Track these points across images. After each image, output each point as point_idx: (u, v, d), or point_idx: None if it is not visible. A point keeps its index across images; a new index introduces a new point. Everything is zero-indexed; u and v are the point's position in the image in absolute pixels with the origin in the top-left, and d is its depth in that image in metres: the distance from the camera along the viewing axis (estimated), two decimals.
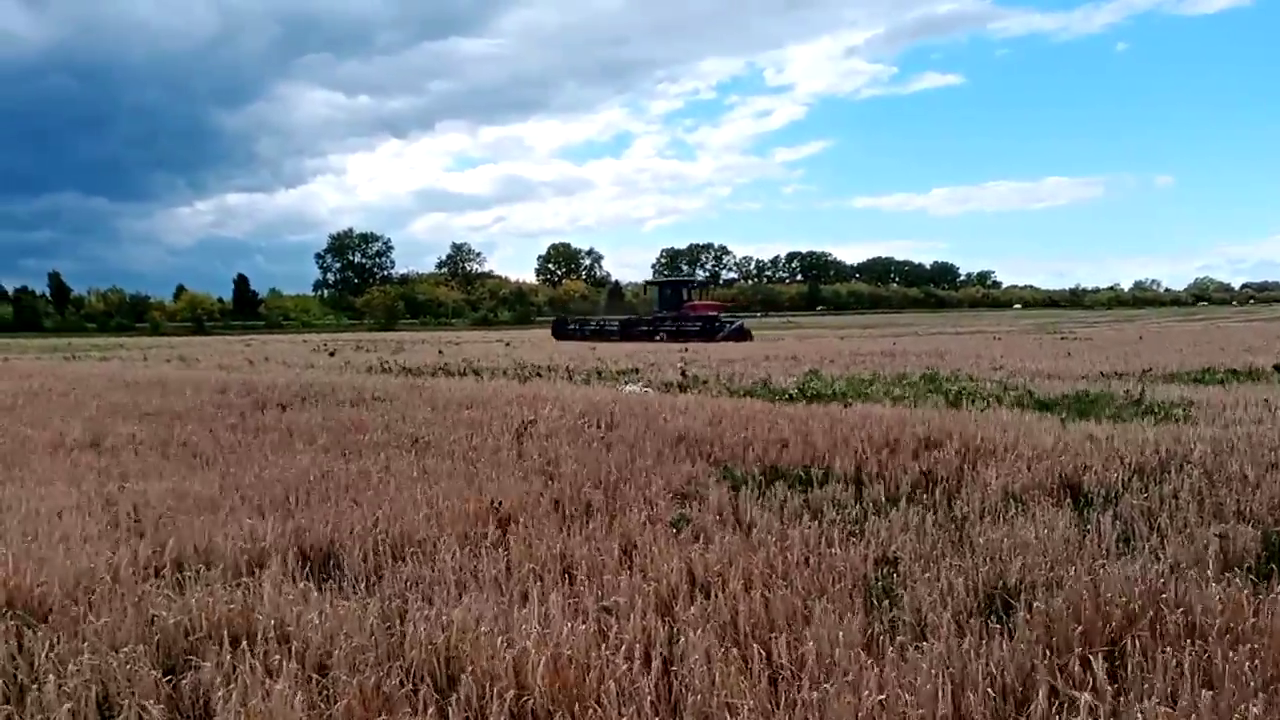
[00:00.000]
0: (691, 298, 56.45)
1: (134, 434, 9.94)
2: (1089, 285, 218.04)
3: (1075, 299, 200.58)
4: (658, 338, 48.93)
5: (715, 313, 53.71)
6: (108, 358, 31.94)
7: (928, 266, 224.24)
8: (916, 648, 3.92)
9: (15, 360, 29.57)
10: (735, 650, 3.93)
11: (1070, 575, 4.71)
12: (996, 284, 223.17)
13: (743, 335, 48.87)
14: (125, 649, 3.96)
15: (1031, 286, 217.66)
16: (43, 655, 3.95)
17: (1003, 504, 6.47)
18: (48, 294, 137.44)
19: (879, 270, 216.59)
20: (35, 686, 3.68)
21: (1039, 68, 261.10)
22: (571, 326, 57.79)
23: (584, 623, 4.12)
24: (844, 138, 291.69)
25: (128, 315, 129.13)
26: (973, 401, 12.65)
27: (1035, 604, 4.35)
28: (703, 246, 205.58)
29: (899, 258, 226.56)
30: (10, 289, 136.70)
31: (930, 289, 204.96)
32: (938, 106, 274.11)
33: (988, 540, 5.47)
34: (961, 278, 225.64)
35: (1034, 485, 7.01)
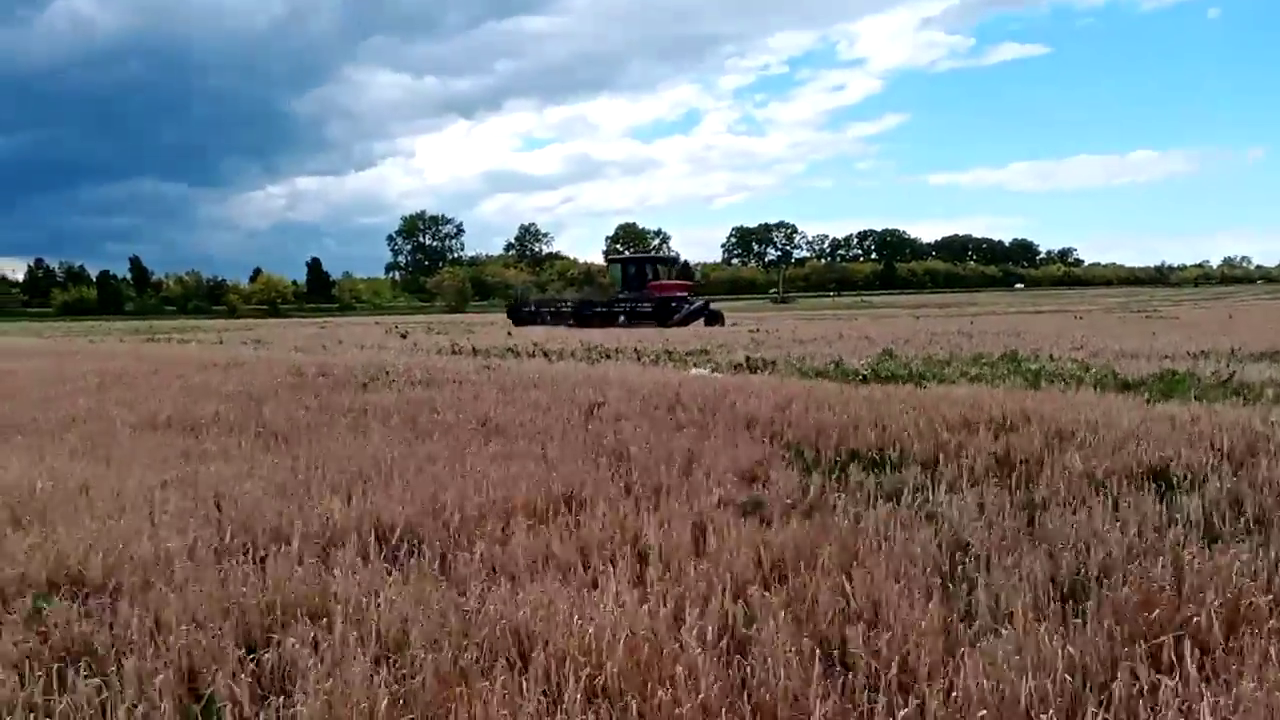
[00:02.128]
0: (659, 276, 51.14)
1: (213, 415, 10.15)
2: (1175, 262, 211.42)
3: (1161, 276, 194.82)
4: (620, 322, 44.84)
5: (683, 293, 49.47)
6: (186, 340, 32.80)
7: (1006, 244, 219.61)
8: (993, 634, 3.85)
9: (100, 342, 30.48)
10: (807, 636, 3.88)
11: (1154, 563, 4.57)
12: (1078, 262, 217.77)
13: (713, 319, 46.17)
14: (208, 626, 4.05)
15: (1115, 264, 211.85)
16: (130, 631, 4.06)
17: (1083, 488, 6.30)
18: (128, 277, 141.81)
19: (955, 248, 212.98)
20: (124, 661, 3.75)
21: (1125, 36, 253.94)
22: (528, 309, 52.89)
23: (657, 606, 4.09)
24: (920, 112, 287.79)
25: (205, 298, 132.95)
26: (1053, 382, 12.36)
27: (1116, 592, 4.23)
28: (773, 225, 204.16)
29: (976, 235, 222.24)
30: (93, 273, 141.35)
31: (1009, 267, 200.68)
32: (1017, 78, 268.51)
33: (1067, 525, 5.34)
34: (1042, 255, 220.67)
35: (1116, 469, 6.79)
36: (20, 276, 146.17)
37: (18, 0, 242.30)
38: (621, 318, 45.60)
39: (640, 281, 49.61)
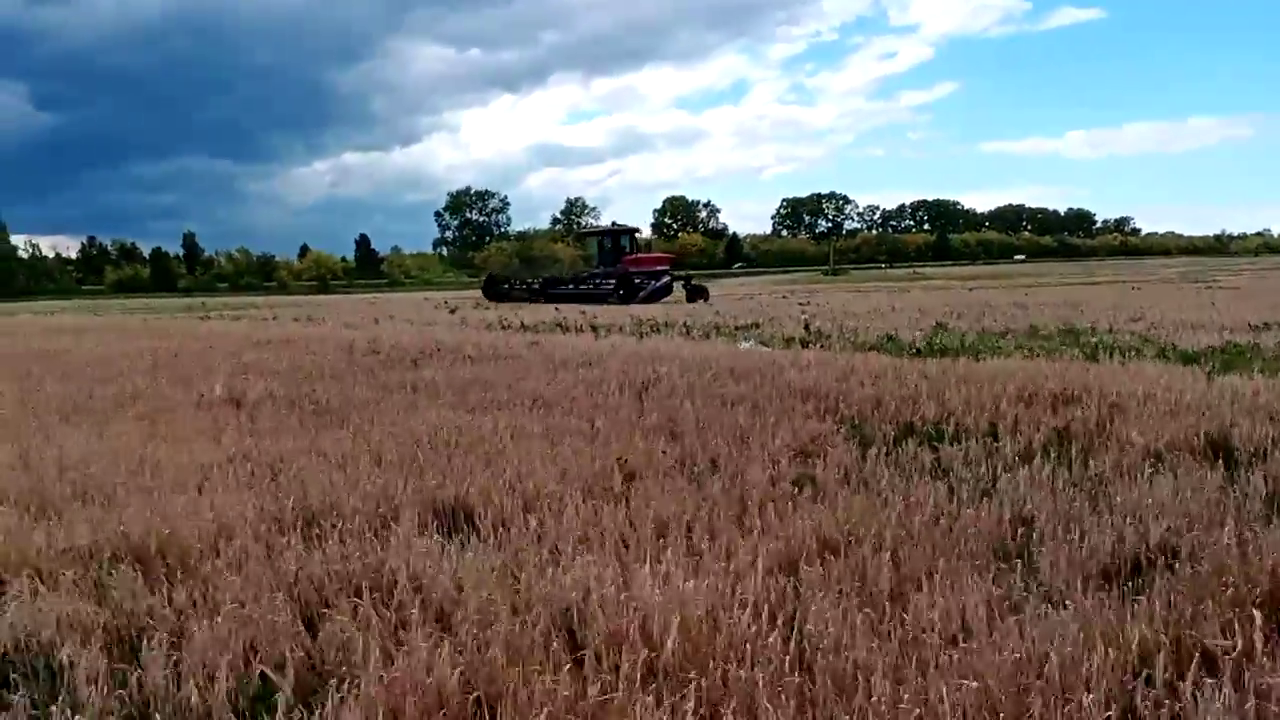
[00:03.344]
0: (636, 249, 49.11)
1: (267, 391, 10.27)
2: (1235, 231, 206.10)
3: (1221, 245, 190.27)
4: (573, 299, 41.78)
5: (664, 267, 47.36)
6: (239, 317, 33.24)
7: (1061, 214, 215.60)
8: (1052, 609, 3.79)
9: (154, 320, 31.01)
10: (868, 610, 3.85)
11: (1216, 535, 4.47)
12: (1135, 231, 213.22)
13: (695, 294, 44.16)
14: (266, 599, 4.09)
15: (1174, 233, 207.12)
16: (192, 604, 4.13)
17: (1142, 462, 6.19)
18: (179, 254, 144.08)
19: (1010, 218, 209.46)
20: (186, 634, 3.82)
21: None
22: (505, 286, 50.92)
23: (711, 580, 4.07)
24: (973, 79, 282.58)
25: (256, 274, 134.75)
26: (1111, 354, 12.12)
27: (1177, 566, 4.17)
28: (824, 196, 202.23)
29: (1031, 205, 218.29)
30: (144, 250, 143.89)
31: (1064, 237, 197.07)
32: (1074, 44, 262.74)
33: (1126, 500, 5.25)
34: (1098, 225, 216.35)
35: (1176, 442, 6.67)
36: (74, 254, 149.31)
37: None
38: (576, 295, 43.11)
39: (615, 256, 47.49)
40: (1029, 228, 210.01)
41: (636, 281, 43.42)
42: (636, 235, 52.26)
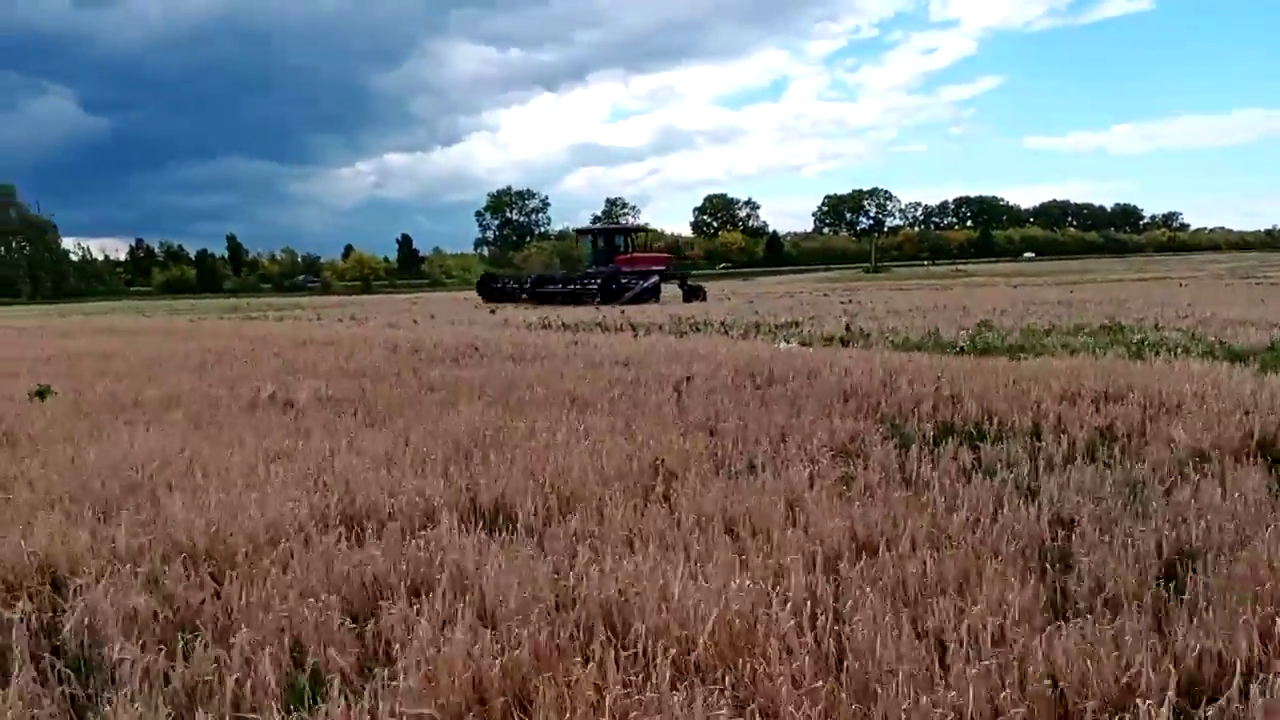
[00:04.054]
0: (630, 248, 48.17)
1: (312, 391, 10.40)
2: None
3: (1272, 240, 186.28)
4: (558, 300, 41.25)
5: (662, 266, 46.47)
6: (283, 317, 33.65)
7: (1108, 209, 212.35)
8: (1095, 614, 3.74)
9: (200, 321, 31.47)
10: (904, 611, 3.84)
11: (1264, 537, 4.40)
12: (1184, 226, 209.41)
13: (692, 294, 43.71)
14: (312, 597, 4.16)
15: (1223, 228, 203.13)
16: (240, 601, 4.20)
17: (1189, 462, 6.10)
18: (225, 255, 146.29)
19: (1054, 214, 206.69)
20: (234, 631, 3.88)
21: None
22: (497, 285, 50.15)
23: (749, 580, 4.08)
24: (1016, 73, 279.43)
25: (300, 275, 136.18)
26: (1157, 352, 11.95)
27: (1222, 568, 4.10)
28: (866, 192, 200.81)
29: (1076, 200, 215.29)
30: (190, 251, 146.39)
31: (1110, 233, 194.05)
32: (1120, 36, 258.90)
33: (1172, 501, 5.19)
34: (1145, 220, 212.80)
35: (1224, 442, 6.57)
36: (122, 256, 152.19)
37: None
38: (562, 298, 42.13)
39: (609, 255, 46.74)
40: (1074, 223, 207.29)
41: (623, 281, 42.43)
42: (634, 234, 51.45)
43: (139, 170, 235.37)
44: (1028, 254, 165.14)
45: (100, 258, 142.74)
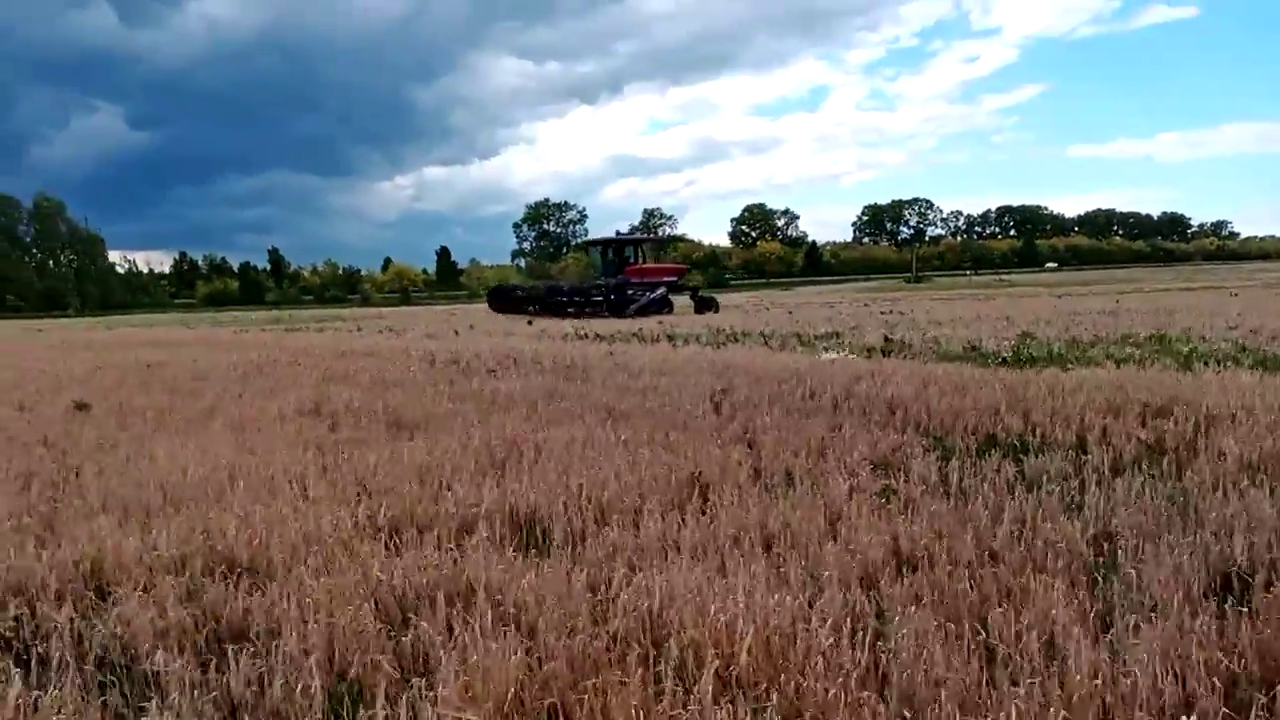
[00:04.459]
0: (641, 259, 47.13)
1: (351, 402, 10.46)
2: None
3: None
4: (568, 313, 40.58)
5: (674, 278, 45.82)
6: (324, 329, 33.95)
7: (1154, 218, 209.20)
8: (1142, 628, 3.66)
9: (243, 332, 31.83)
10: (949, 626, 3.78)
11: None
12: (1233, 235, 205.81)
13: (704, 305, 42.95)
14: (352, 607, 4.17)
15: (1274, 236, 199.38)
16: (281, 610, 4.22)
17: (1239, 475, 5.96)
18: (267, 268, 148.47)
19: (1099, 223, 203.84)
20: (275, 641, 3.90)
21: None
22: (509, 297, 49.43)
23: (788, 594, 4.03)
24: (1060, 81, 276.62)
25: (340, 287, 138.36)
26: (1206, 363, 11.69)
27: (1276, 583, 4.00)
28: (907, 202, 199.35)
29: (1121, 209, 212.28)
30: (233, 264, 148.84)
31: (1158, 242, 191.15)
32: (1166, 43, 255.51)
33: (1220, 515, 5.07)
34: (1193, 229, 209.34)
35: (1274, 455, 6.40)
36: (167, 268, 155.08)
37: (154, 1, 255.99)
38: (569, 309, 41.67)
39: (619, 266, 45.75)
40: (1119, 232, 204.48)
41: (629, 293, 41.72)
42: (644, 245, 50.54)
43: (184, 184, 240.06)
44: (1050, 264, 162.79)
45: (146, 271, 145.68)
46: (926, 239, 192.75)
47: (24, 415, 10.66)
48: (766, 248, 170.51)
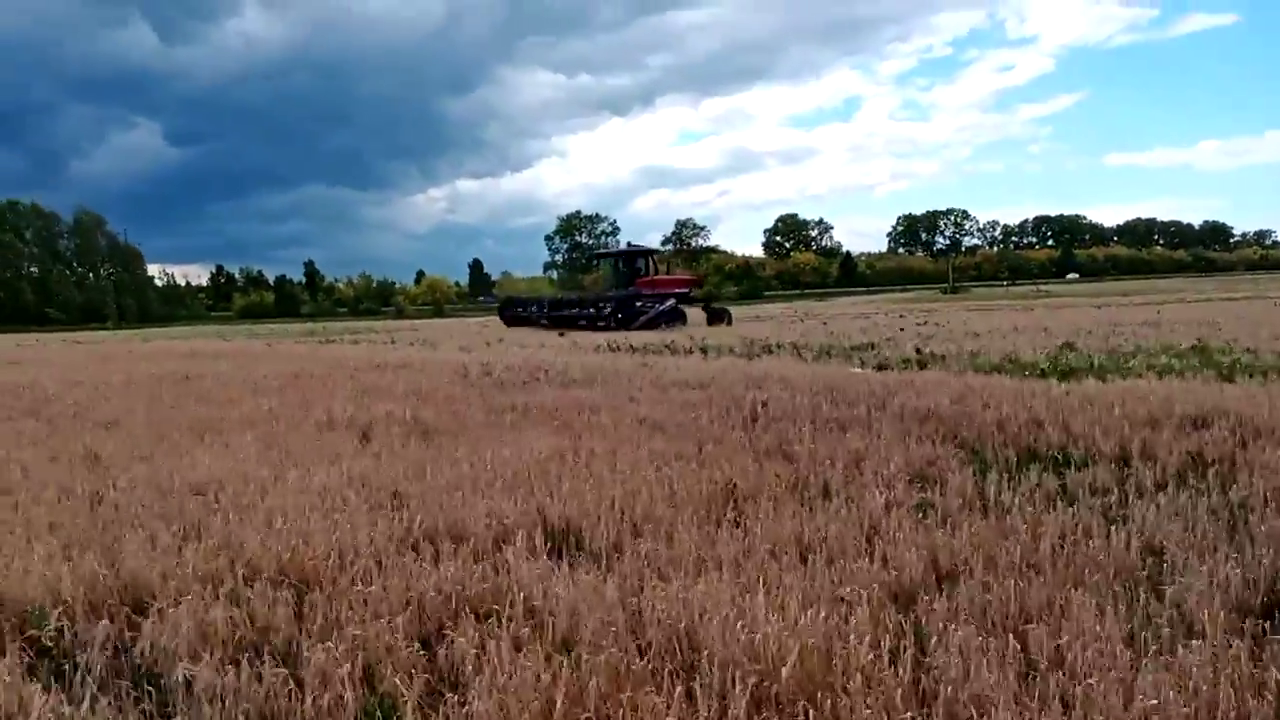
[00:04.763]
0: (652, 271, 45.86)
1: (385, 414, 10.48)
2: None
3: None
4: (580, 325, 39.89)
5: (685, 289, 44.42)
6: (358, 341, 34.19)
7: (1196, 227, 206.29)
8: (1186, 646, 3.59)
9: (278, 345, 32.10)
10: (992, 641, 3.71)
11: None
12: (1277, 244, 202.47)
13: (716, 317, 42.04)
14: (385, 619, 4.17)
15: None
16: (317, 622, 4.24)
17: None
18: (302, 281, 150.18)
19: (1139, 233, 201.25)
20: (308, 652, 3.90)
21: None
22: (519, 310, 48.77)
23: (824, 609, 3.98)
24: (1097, 90, 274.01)
25: (374, 299, 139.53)
26: (1250, 375, 11.46)
27: None
28: (942, 212, 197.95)
29: (1162, 218, 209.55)
30: (269, 277, 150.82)
31: (1199, 252, 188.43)
32: (1204, 51, 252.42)
33: (1269, 529, 4.97)
34: (1235, 238, 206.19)
35: None
36: (204, 281, 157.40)
37: (193, 18, 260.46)
38: (582, 320, 40.79)
39: (630, 278, 44.46)
40: (1160, 242, 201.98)
41: (638, 305, 40.31)
42: (655, 257, 49.43)
43: (220, 199, 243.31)
44: (1071, 274, 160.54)
45: (183, 284, 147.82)
46: (963, 249, 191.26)
47: (64, 426, 10.78)
48: (801, 258, 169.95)
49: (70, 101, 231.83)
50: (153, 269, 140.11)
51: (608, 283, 47.31)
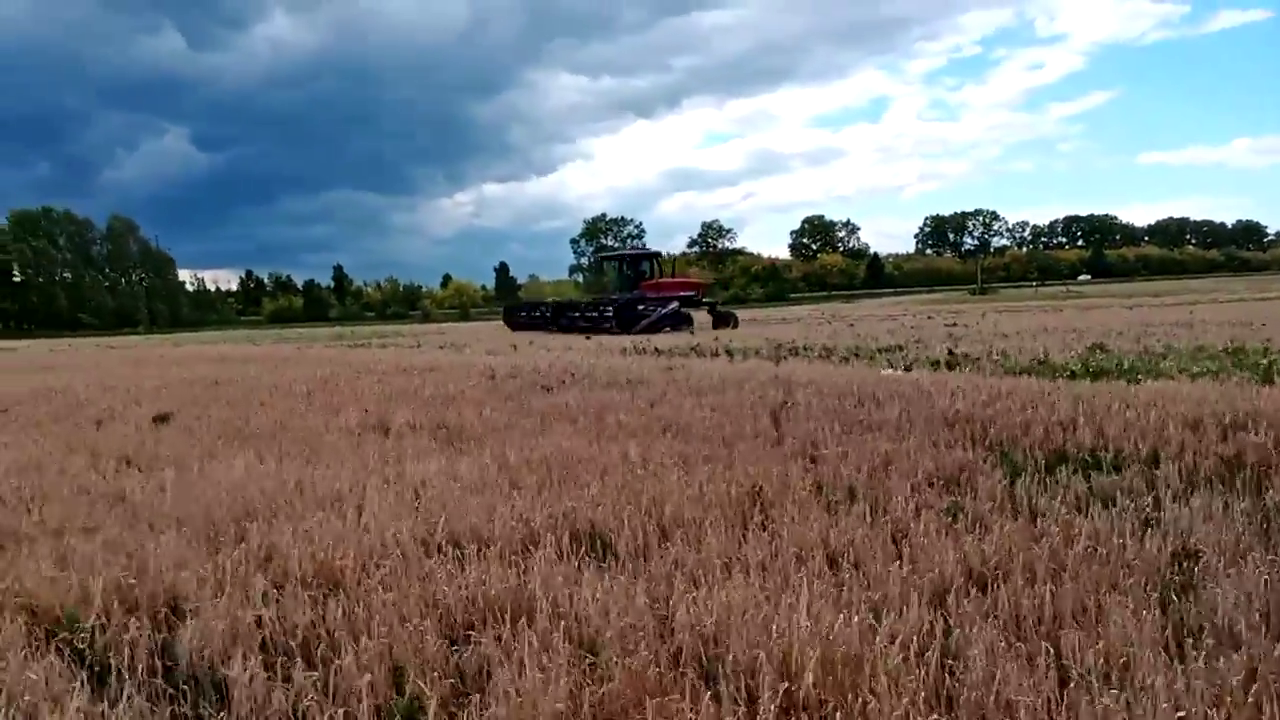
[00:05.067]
0: (657, 273, 45.53)
1: (412, 418, 10.54)
2: None
3: None
4: (581, 328, 39.59)
5: (691, 292, 43.87)
6: (386, 345, 34.34)
7: (1229, 226, 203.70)
8: (1223, 652, 3.53)
9: (308, 349, 32.33)
10: (1021, 645, 3.70)
11: None
12: None
13: (722, 320, 41.89)
14: (412, 622, 4.19)
15: None
16: (345, 624, 4.27)
17: None
18: (330, 285, 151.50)
19: (1171, 232, 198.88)
20: (335, 654, 3.93)
21: None
22: (523, 314, 49.12)
23: (853, 613, 3.96)
24: (1128, 88, 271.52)
25: (401, 303, 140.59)
26: None
27: None
28: (970, 213, 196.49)
29: (1195, 217, 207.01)
30: (297, 281, 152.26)
31: (1232, 251, 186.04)
32: (1236, 47, 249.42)
33: None
34: (1269, 237, 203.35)
35: None
36: (234, 286, 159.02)
37: (220, 25, 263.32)
38: (584, 324, 40.48)
39: (634, 281, 44.36)
40: (1193, 241, 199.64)
41: (640, 309, 39.95)
42: (659, 259, 48.68)
43: (249, 204, 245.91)
44: (1083, 275, 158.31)
45: (214, 289, 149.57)
46: (991, 250, 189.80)
47: (99, 430, 10.91)
48: (828, 260, 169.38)
49: (102, 109, 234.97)
50: (184, 274, 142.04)
51: (613, 285, 47.24)
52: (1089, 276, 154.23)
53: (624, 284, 45.17)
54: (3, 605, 4.65)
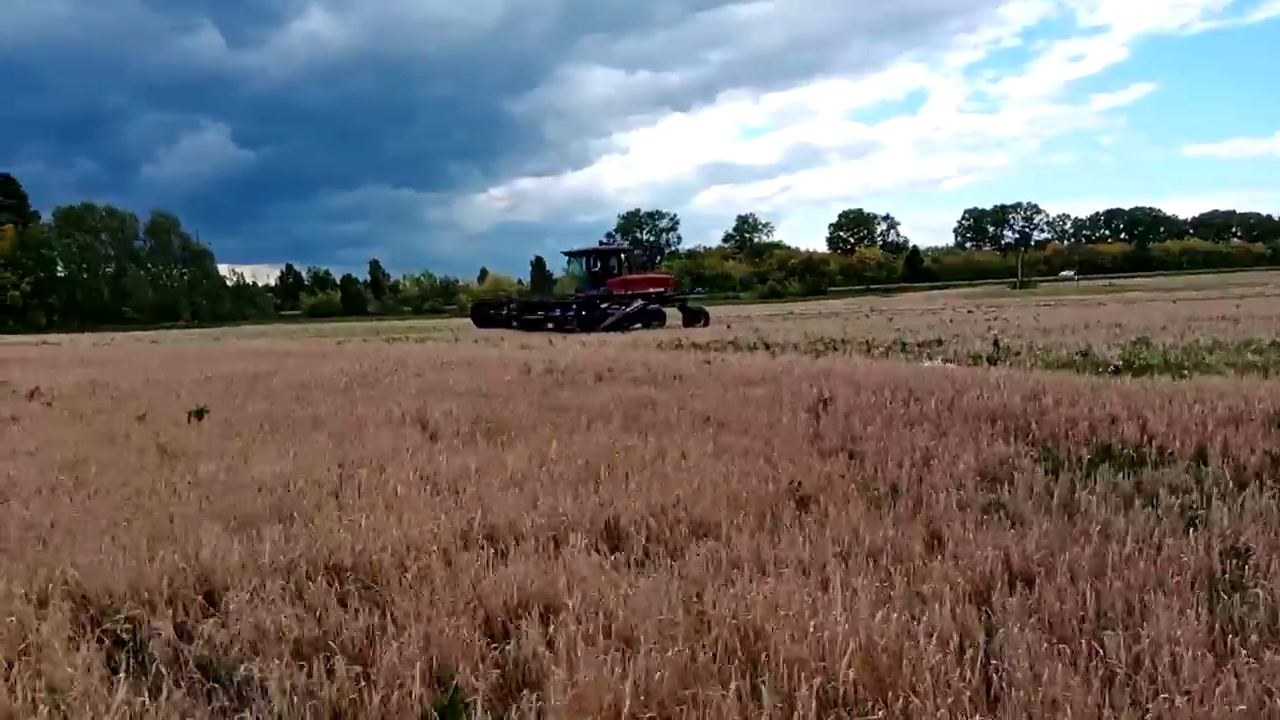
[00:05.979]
0: (623, 270, 45.01)
1: (449, 412, 10.57)
2: None
3: None
4: (548, 327, 38.97)
5: (662, 289, 43.99)
6: (423, 339, 34.50)
7: (1276, 219, 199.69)
8: (1273, 651, 3.47)
9: (345, 344, 32.56)
10: (1064, 645, 3.64)
11: None
12: None
13: (694, 318, 41.25)
14: (453, 615, 4.20)
15: None
16: (384, 618, 4.28)
17: None
18: (368, 280, 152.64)
19: (1217, 225, 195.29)
20: (376, 649, 3.96)
21: None
22: (490, 312, 48.61)
23: (893, 609, 3.92)
24: (1172, 79, 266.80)
25: (438, 298, 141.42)
26: None
27: None
28: (1010, 206, 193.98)
29: (1241, 210, 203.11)
30: (335, 276, 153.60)
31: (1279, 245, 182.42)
32: None
33: None
34: None
35: None
36: (273, 281, 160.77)
37: (258, 23, 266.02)
38: (549, 324, 39.83)
39: (603, 277, 43.68)
40: (1238, 234, 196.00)
41: (603, 307, 39.62)
42: (624, 255, 48.49)
43: (287, 199, 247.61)
44: (1065, 272, 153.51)
45: (253, 283, 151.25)
46: (1032, 243, 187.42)
47: (142, 423, 11.05)
48: (866, 253, 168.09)
49: (142, 107, 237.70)
50: (223, 269, 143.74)
51: (581, 282, 46.44)
52: (1071, 274, 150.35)
53: (594, 281, 44.37)
54: (49, 594, 4.71)
